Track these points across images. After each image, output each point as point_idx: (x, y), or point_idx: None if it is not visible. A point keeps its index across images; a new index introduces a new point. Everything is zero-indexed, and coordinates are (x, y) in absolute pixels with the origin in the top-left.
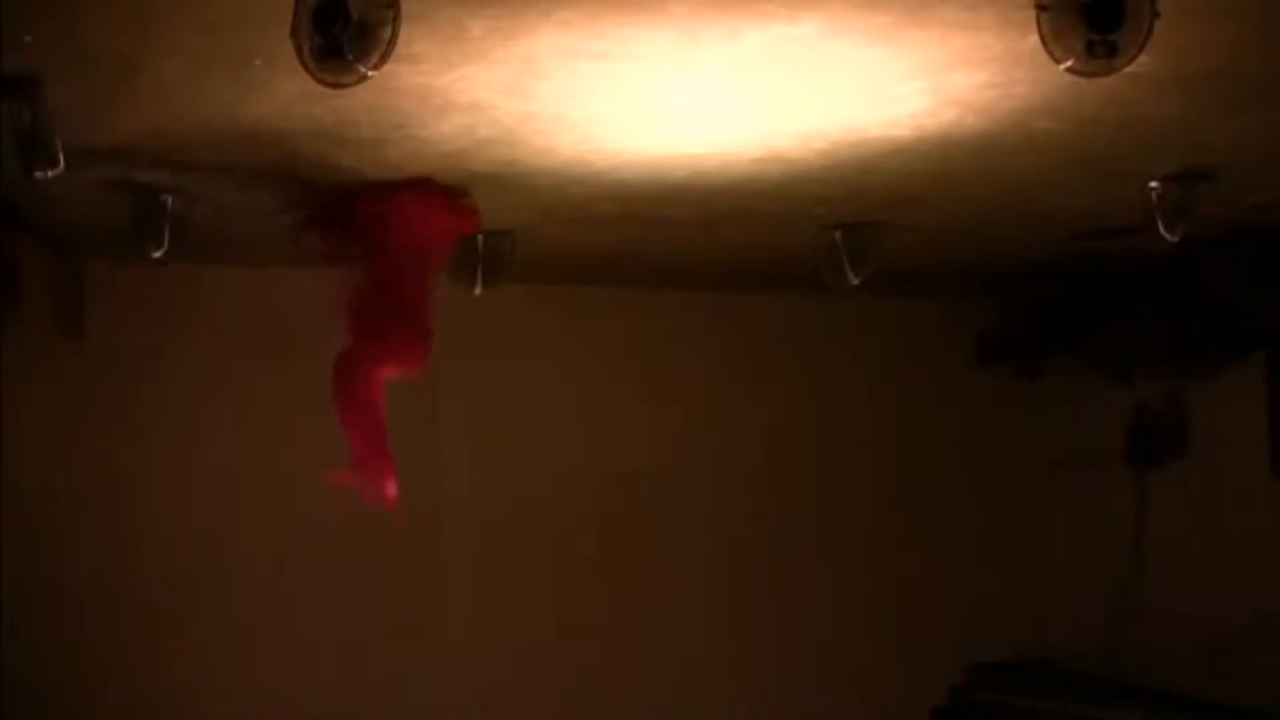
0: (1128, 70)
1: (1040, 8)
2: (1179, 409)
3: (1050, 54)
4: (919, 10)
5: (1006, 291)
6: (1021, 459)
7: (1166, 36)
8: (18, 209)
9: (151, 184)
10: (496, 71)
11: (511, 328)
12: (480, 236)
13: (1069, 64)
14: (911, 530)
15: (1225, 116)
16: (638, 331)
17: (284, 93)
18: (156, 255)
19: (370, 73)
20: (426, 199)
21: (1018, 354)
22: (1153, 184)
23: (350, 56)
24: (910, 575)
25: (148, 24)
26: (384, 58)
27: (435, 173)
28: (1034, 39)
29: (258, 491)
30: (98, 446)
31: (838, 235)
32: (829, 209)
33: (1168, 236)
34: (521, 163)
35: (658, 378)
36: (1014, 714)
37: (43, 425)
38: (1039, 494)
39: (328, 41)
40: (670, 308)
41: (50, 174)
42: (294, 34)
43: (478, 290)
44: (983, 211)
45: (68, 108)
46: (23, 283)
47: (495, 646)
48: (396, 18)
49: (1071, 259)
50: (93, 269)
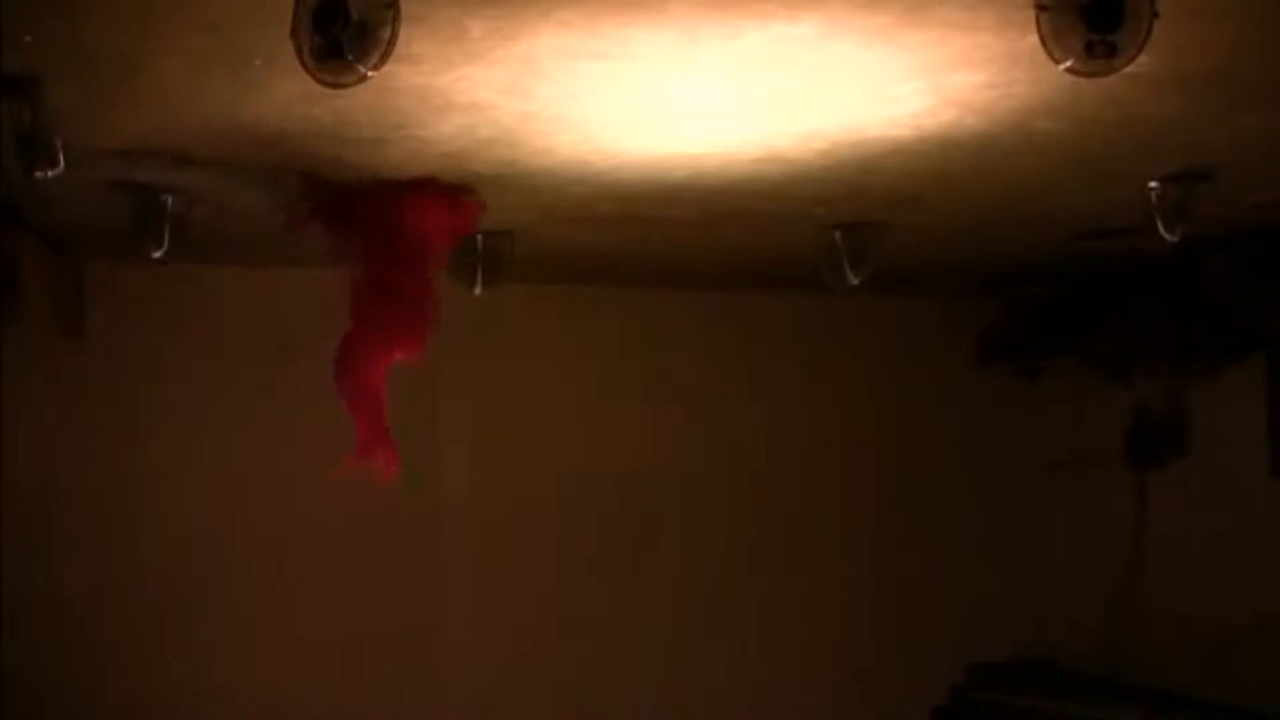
0: (1127, 70)
1: (1040, 8)
2: (1179, 409)
3: (1050, 54)
4: (919, 10)
5: (1006, 291)
6: (1021, 459)
7: (1166, 37)
8: (18, 209)
9: (152, 184)
10: (496, 71)
11: (511, 328)
12: (480, 236)
13: (1068, 64)
14: (911, 530)
15: (1225, 116)
16: (638, 331)
17: (284, 93)
18: (156, 255)
19: (370, 73)
20: (428, 196)
21: (1018, 354)
22: (1152, 184)
23: (350, 56)
24: (910, 575)
25: (148, 24)
26: (384, 58)
27: (435, 173)
28: (1033, 39)
29: (258, 491)
30: (98, 446)
31: (838, 235)
32: (829, 209)
33: (1167, 236)
34: (521, 163)
35: (658, 378)
36: (1014, 714)
37: (43, 425)
38: (1039, 494)
39: (328, 41)
40: (670, 308)
41: (50, 174)
42: (294, 34)
43: (478, 290)
44: (983, 211)
45: (68, 108)
46: (23, 283)
47: (495, 646)
48: (396, 18)
49: (1071, 259)
50: (93, 269)
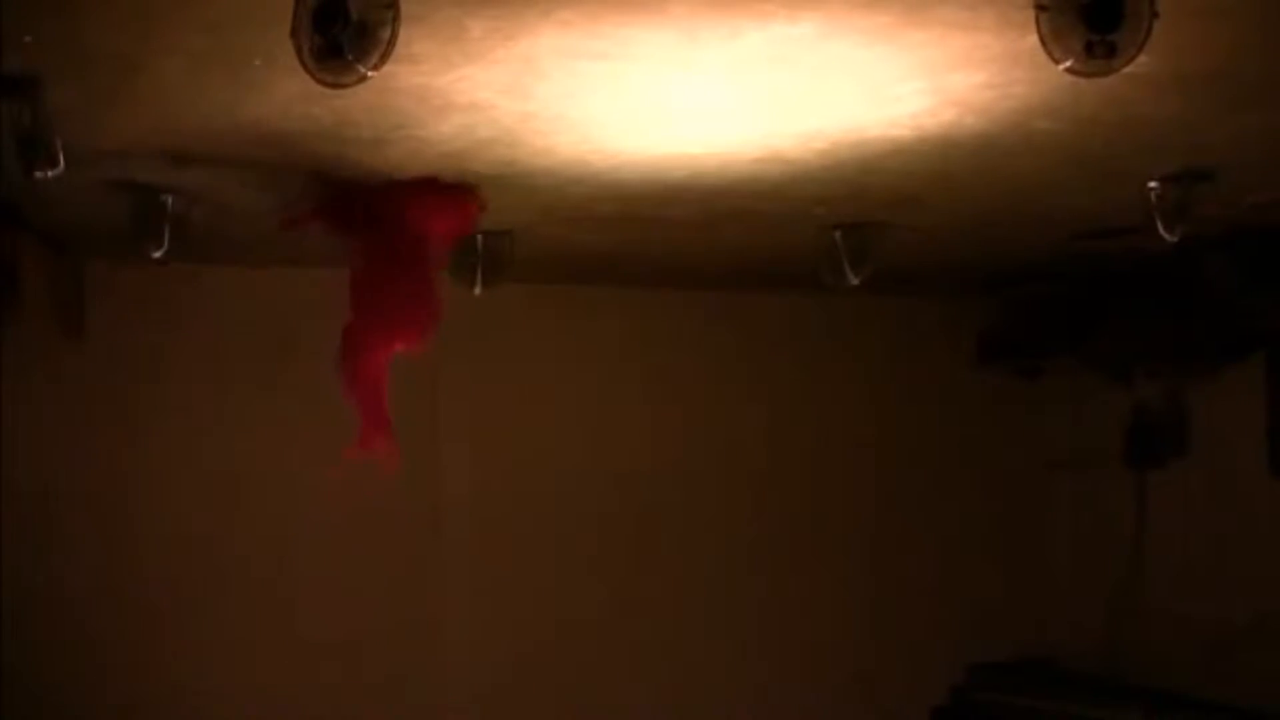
0: (1127, 70)
1: (1039, 8)
2: (1179, 409)
3: (1049, 54)
4: (918, 10)
5: (1006, 291)
6: (1021, 459)
7: (1165, 37)
8: (18, 209)
9: (152, 183)
10: (496, 71)
11: (511, 328)
12: (480, 236)
13: (1068, 64)
14: (911, 530)
15: (1225, 116)
16: (638, 331)
17: (284, 93)
18: (156, 255)
19: (370, 73)
20: (429, 194)
21: (1018, 354)
22: (1152, 184)
23: (350, 56)
24: (910, 575)
25: (148, 24)
26: (384, 58)
27: (435, 173)
28: (1033, 39)
29: (258, 491)
30: (98, 446)
31: (837, 235)
32: (829, 209)
33: (1167, 236)
34: (521, 163)
35: (658, 378)
36: (1014, 714)
37: (43, 425)
38: (1039, 494)
39: (328, 41)
40: (670, 308)
41: (50, 174)
42: (294, 34)
43: (478, 290)
44: (983, 211)
45: (68, 108)
46: (23, 283)
47: (495, 646)
48: (396, 18)
49: (1071, 259)
50: (93, 269)
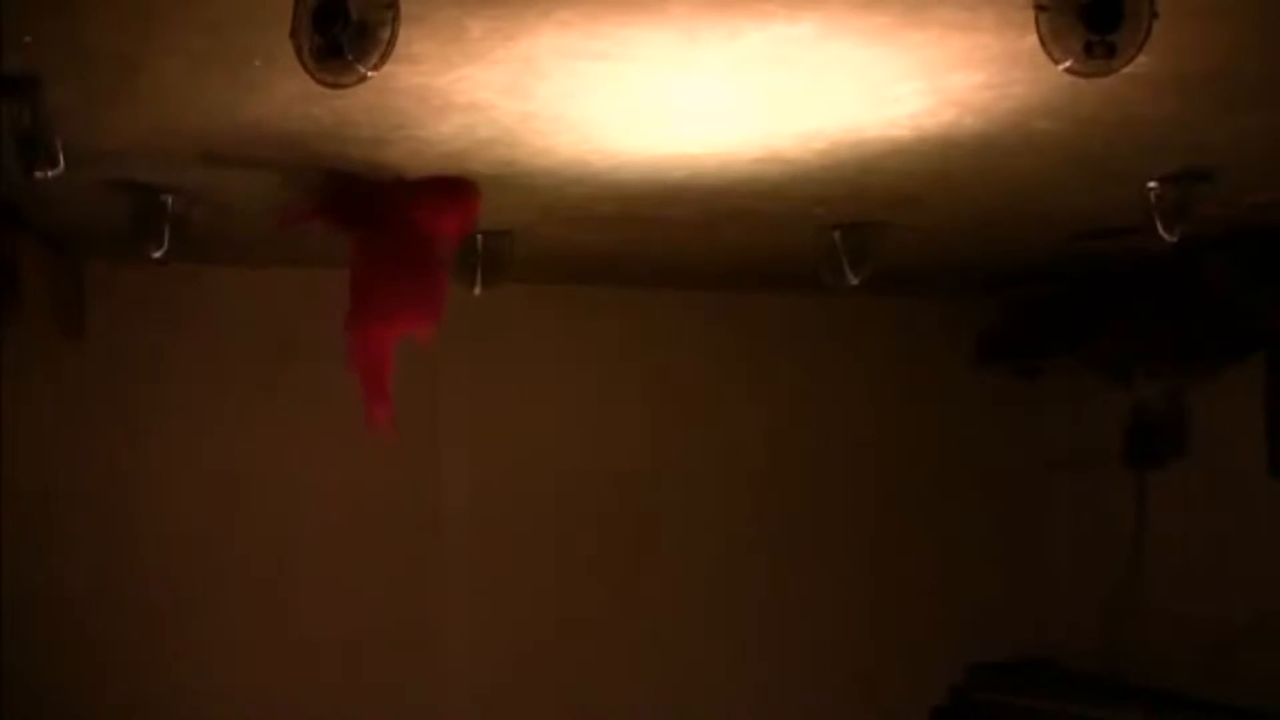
0: (1126, 71)
1: (1039, 8)
2: (1179, 409)
3: (1049, 54)
4: (918, 11)
5: (1006, 291)
6: (1021, 459)
7: (1165, 37)
8: (18, 209)
9: (151, 183)
10: (496, 71)
11: (511, 328)
12: (480, 236)
13: (1067, 64)
14: (911, 530)
15: (1224, 116)
16: (638, 331)
17: (284, 93)
18: (156, 255)
19: (370, 73)
20: (433, 192)
21: (1018, 354)
22: (1152, 184)
23: (350, 57)
24: (910, 575)
25: (148, 24)
26: (384, 58)
27: (435, 173)
28: (1032, 39)
29: (258, 491)
30: (98, 446)
31: (837, 235)
32: (829, 209)
33: (1166, 237)
34: (521, 163)
35: (658, 378)
36: (1014, 714)
37: (43, 425)
38: (1039, 494)
39: (328, 42)
40: (670, 308)
41: (50, 174)
42: (294, 34)
43: (478, 290)
44: (982, 211)
45: (68, 108)
46: (23, 283)
47: (495, 647)
48: (396, 18)
49: (1071, 259)
50: (93, 269)
